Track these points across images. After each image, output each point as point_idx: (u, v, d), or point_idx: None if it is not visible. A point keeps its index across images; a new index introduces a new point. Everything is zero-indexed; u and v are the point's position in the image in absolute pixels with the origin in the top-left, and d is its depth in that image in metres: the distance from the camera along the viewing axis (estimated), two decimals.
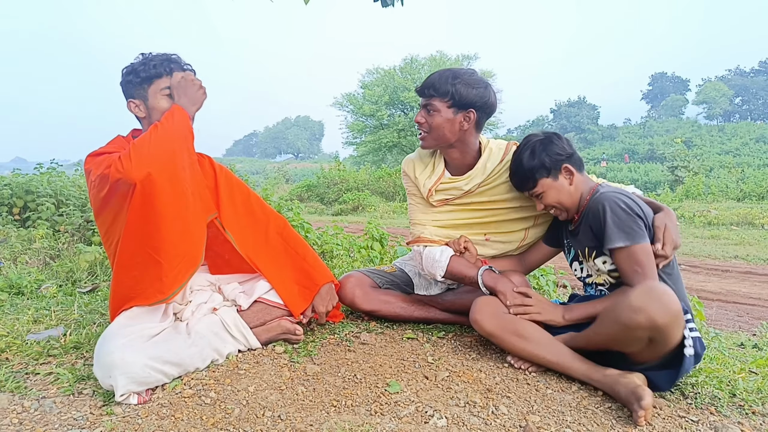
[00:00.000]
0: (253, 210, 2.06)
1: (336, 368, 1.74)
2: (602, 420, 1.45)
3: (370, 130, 28.35)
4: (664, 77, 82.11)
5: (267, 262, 2.00)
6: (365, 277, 2.27)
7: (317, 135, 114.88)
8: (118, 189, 1.58)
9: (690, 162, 22.14)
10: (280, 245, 2.04)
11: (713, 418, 1.48)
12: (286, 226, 2.10)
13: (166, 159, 1.61)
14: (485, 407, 1.49)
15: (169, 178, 1.61)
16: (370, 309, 2.18)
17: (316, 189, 18.14)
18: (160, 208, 1.59)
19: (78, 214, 4.45)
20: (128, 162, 1.53)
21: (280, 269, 2.01)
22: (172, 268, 1.65)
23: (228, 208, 1.97)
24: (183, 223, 1.66)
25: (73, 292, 2.76)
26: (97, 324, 2.10)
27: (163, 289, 1.64)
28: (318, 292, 2.00)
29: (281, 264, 2.02)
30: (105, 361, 1.47)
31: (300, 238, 2.11)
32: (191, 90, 1.78)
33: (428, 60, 28.26)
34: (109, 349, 1.48)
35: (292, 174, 33.49)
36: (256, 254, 1.98)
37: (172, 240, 1.64)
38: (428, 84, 1.94)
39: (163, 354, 1.56)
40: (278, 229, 2.07)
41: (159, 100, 1.79)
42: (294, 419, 1.40)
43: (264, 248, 2.02)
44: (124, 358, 1.46)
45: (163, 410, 1.43)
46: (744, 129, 49.58)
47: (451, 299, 2.17)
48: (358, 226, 8.17)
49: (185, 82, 1.77)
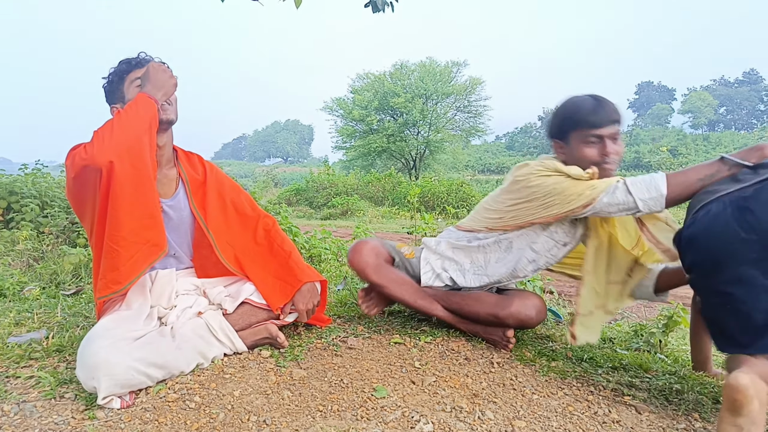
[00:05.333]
0: (243, 208, 2.06)
1: (322, 373, 1.73)
2: (588, 426, 1.45)
3: (359, 135, 28.37)
4: (651, 86, 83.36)
5: (252, 259, 2.00)
6: (382, 248, 2.17)
7: (307, 139, 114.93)
8: (87, 178, 1.57)
9: (675, 170, 22.39)
10: (266, 243, 2.04)
11: (698, 424, 1.49)
12: (275, 225, 2.10)
13: (129, 144, 1.58)
14: (471, 412, 1.49)
15: (132, 163, 1.59)
16: (379, 282, 2.09)
17: (304, 193, 18.07)
18: (120, 193, 1.57)
19: (63, 215, 4.39)
20: (91, 148, 1.53)
21: (264, 265, 2.00)
22: (130, 256, 1.63)
23: (214, 208, 1.97)
24: (143, 208, 1.65)
25: (57, 295, 2.72)
26: (80, 327, 2.07)
27: (119, 279, 1.61)
28: (299, 290, 1.96)
29: (265, 261, 2.01)
30: (88, 362, 1.45)
31: (287, 238, 2.10)
32: (160, 77, 1.75)
33: (418, 66, 28.39)
34: (92, 350, 1.46)
35: (281, 178, 33.36)
36: (242, 253, 1.99)
37: (131, 226, 1.62)
38: (618, 113, 1.84)
39: (148, 356, 1.54)
40: (266, 227, 2.07)
41: (132, 93, 1.78)
42: (279, 424, 1.39)
43: (251, 246, 2.03)
44: (108, 359, 1.44)
45: (147, 414, 1.42)
46: (728, 138, 50.49)
47: (458, 301, 2.11)
48: (347, 231, 8.15)
49: (153, 69, 1.75)
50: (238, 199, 2.06)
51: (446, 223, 4.64)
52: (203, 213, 1.95)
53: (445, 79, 27.83)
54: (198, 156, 2.03)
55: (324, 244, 3.96)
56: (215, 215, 1.97)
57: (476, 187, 17.59)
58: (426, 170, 26.95)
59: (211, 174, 2.00)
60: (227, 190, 2.04)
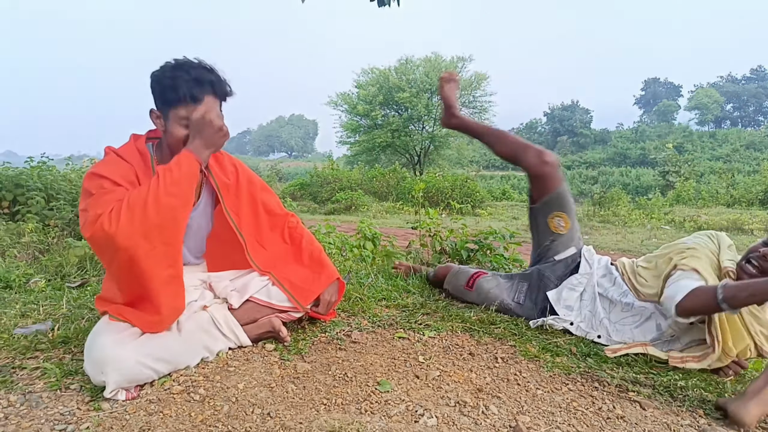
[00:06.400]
0: (273, 208, 2.04)
1: (326, 366, 1.73)
2: (592, 421, 1.45)
3: (364, 130, 28.32)
4: (657, 83, 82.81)
5: (282, 259, 2.01)
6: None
7: (311, 134, 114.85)
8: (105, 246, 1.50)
9: (681, 167, 22.35)
10: (292, 241, 2.08)
11: (702, 420, 1.49)
12: (299, 223, 2.13)
13: (162, 225, 1.50)
14: (476, 407, 1.49)
15: (163, 241, 1.52)
16: None
17: (309, 188, 18.08)
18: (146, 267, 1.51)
19: (68, 208, 4.41)
20: (116, 222, 1.43)
21: (293, 264, 2.02)
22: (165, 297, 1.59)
23: (247, 212, 1.95)
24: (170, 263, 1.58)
25: (62, 287, 2.73)
26: (85, 319, 2.08)
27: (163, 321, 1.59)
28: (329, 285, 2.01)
29: (295, 259, 2.04)
30: (97, 357, 1.45)
31: (311, 234, 2.13)
32: (208, 132, 1.61)
33: (423, 61, 28.26)
34: (100, 345, 1.47)
35: (285, 172, 33.37)
36: (273, 253, 2.00)
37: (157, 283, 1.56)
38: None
39: (155, 351, 1.55)
40: (291, 224, 2.09)
41: (175, 128, 1.63)
42: (283, 417, 1.39)
43: (281, 245, 2.05)
44: (116, 354, 1.45)
45: (152, 406, 1.42)
46: (735, 135, 50.07)
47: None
48: (351, 226, 8.15)
49: (203, 124, 1.60)
50: (269, 199, 2.03)
51: (451, 218, 4.62)
52: (237, 218, 1.90)
53: None
54: (226, 155, 1.94)
55: (328, 238, 3.96)
56: (248, 219, 1.95)
57: (481, 183, 17.56)
58: (430, 165, 26.88)
59: (242, 175, 1.94)
60: (258, 191, 1.99)
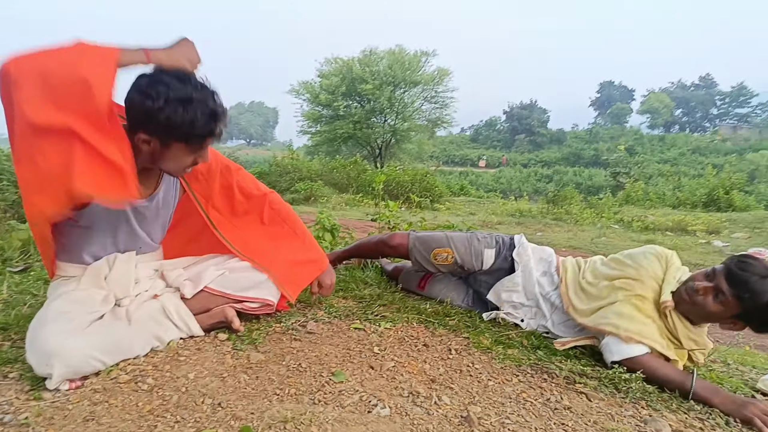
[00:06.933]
0: (250, 189, 1.96)
1: (281, 357, 1.71)
2: (540, 412, 1.49)
3: (325, 120, 28.01)
4: (612, 86, 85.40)
5: (263, 243, 1.94)
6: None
7: (271, 122, 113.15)
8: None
9: (631, 169, 23.23)
10: (274, 222, 1.99)
11: (644, 411, 1.55)
12: (280, 200, 2.03)
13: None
14: (428, 397, 1.51)
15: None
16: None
17: (267, 177, 17.76)
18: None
19: (12, 189, 4.21)
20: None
21: (278, 248, 1.95)
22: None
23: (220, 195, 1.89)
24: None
25: (3, 271, 2.61)
26: (27, 305, 1.99)
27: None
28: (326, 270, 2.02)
29: (279, 242, 1.97)
30: (42, 348, 1.38)
31: (295, 214, 2.05)
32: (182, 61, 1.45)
33: (387, 53, 28.19)
34: (45, 336, 1.40)
35: (244, 160, 32.67)
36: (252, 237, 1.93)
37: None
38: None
39: (104, 343, 1.49)
40: (272, 204, 2.00)
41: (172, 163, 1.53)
42: (235, 407, 1.37)
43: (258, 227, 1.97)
44: (63, 346, 1.38)
45: (97, 396, 1.37)
46: (682, 140, 52.39)
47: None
48: (310, 217, 8.08)
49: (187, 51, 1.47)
50: (245, 182, 1.96)
51: (410, 212, 4.65)
52: (204, 201, 1.85)
53: (414, 68, 27.69)
54: None
55: None
56: (222, 203, 1.90)
57: (440, 178, 17.73)
58: (391, 159, 26.92)
59: (217, 163, 1.85)
60: (233, 175, 1.91)
